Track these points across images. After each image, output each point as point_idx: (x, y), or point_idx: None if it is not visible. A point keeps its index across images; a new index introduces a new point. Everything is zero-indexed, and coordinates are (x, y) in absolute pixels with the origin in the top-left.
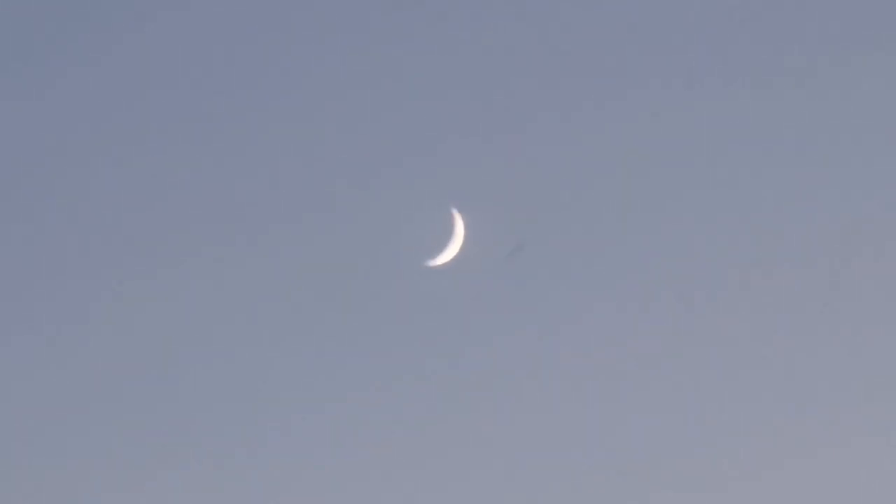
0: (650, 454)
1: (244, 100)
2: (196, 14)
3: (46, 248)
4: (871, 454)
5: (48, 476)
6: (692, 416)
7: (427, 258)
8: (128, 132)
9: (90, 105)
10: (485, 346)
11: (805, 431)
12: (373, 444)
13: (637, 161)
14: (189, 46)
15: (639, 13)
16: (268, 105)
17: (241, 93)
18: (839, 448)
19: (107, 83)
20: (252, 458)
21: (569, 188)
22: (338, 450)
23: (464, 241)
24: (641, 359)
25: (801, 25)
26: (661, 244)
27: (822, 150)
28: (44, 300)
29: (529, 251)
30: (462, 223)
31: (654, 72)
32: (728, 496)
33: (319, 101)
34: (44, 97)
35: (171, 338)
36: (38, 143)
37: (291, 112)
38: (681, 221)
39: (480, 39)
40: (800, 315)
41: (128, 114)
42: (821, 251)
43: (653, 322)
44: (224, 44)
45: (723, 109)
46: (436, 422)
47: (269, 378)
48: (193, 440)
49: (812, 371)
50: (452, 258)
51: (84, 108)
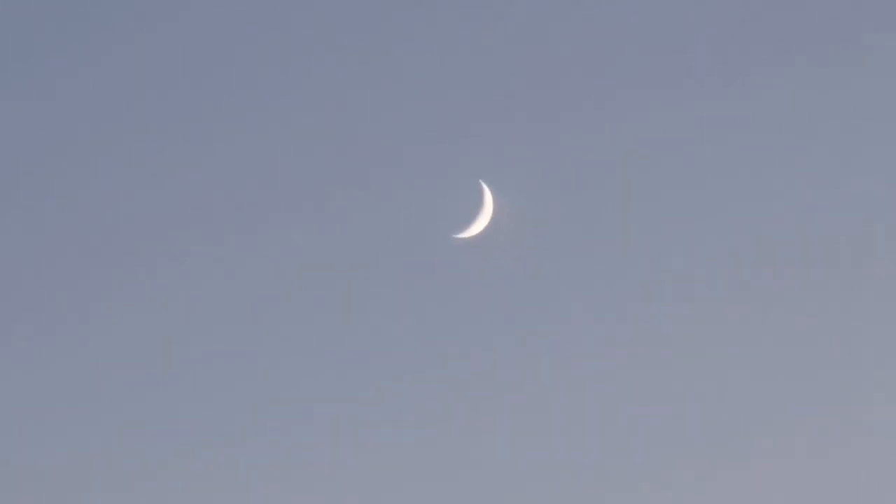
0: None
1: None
2: (193, 10)
3: (46, 248)
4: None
5: (47, 476)
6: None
7: (456, 231)
8: (125, 131)
9: (90, 104)
10: (513, 320)
11: (804, 430)
12: (401, 422)
13: (666, 140)
14: (186, 41)
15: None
16: (298, 82)
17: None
18: (838, 447)
19: (106, 83)
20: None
21: (597, 161)
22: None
23: (493, 214)
24: (675, 337)
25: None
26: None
27: (822, 150)
28: (43, 300)
29: (561, 224)
30: (491, 196)
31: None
32: (728, 494)
33: (352, 78)
34: (43, 97)
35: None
36: (38, 144)
37: (323, 87)
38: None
39: (513, 18)
40: (799, 314)
41: (125, 113)
42: (821, 250)
43: (687, 302)
44: (231, 33)
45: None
46: (466, 400)
47: (298, 352)
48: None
49: (812, 370)
50: (481, 231)
51: (84, 108)
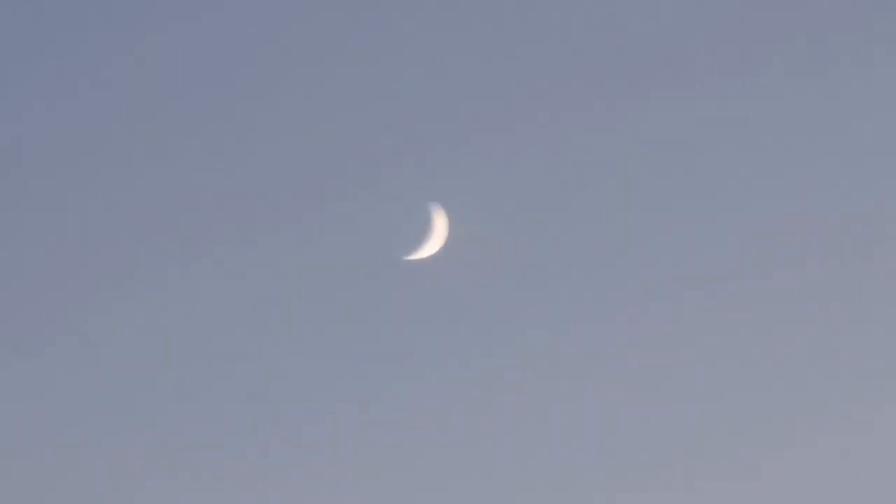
0: (643, 455)
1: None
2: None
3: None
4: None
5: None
6: (687, 417)
7: (406, 253)
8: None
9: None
10: (466, 343)
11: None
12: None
13: (623, 157)
14: (179, 47)
15: (629, 9)
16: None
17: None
18: (838, 446)
19: (104, 82)
20: (240, 457)
21: (552, 183)
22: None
23: (445, 237)
24: (626, 358)
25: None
26: (648, 243)
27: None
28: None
29: (511, 247)
30: (441, 217)
31: (646, 67)
32: (727, 492)
33: (300, 97)
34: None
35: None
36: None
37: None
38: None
39: (463, 34)
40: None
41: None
42: (820, 249)
43: (642, 317)
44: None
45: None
46: (416, 419)
47: (251, 376)
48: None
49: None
50: (432, 253)
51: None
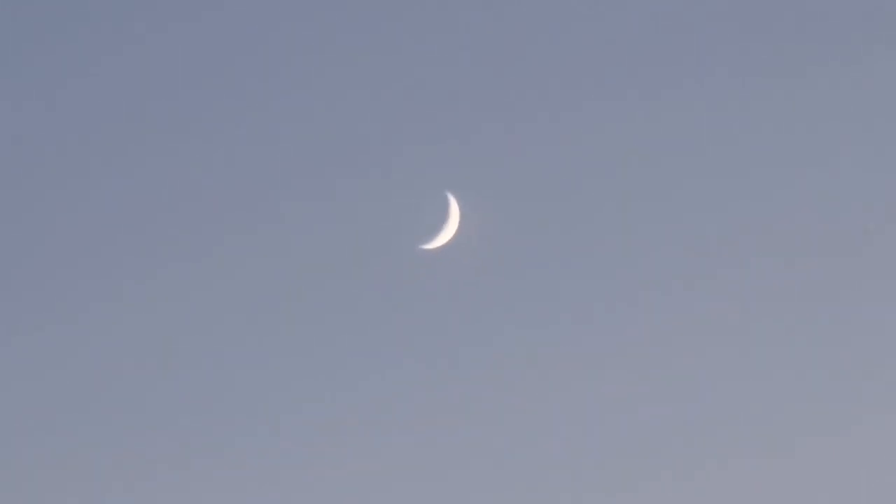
0: (646, 440)
1: (232, 87)
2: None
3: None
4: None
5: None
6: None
7: (422, 242)
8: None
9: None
10: (479, 331)
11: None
12: (364, 430)
13: (635, 147)
14: (179, 42)
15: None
16: (261, 91)
17: (229, 81)
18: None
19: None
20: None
21: (565, 174)
22: (327, 435)
23: (459, 225)
24: (637, 346)
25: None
26: (659, 232)
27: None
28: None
29: (525, 236)
30: (457, 207)
31: (657, 62)
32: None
33: (313, 86)
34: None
35: (164, 329)
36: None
37: (287, 97)
38: (680, 209)
39: (476, 22)
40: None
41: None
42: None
43: (650, 311)
44: (213, 37)
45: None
46: (429, 407)
47: (262, 365)
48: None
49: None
50: (447, 241)
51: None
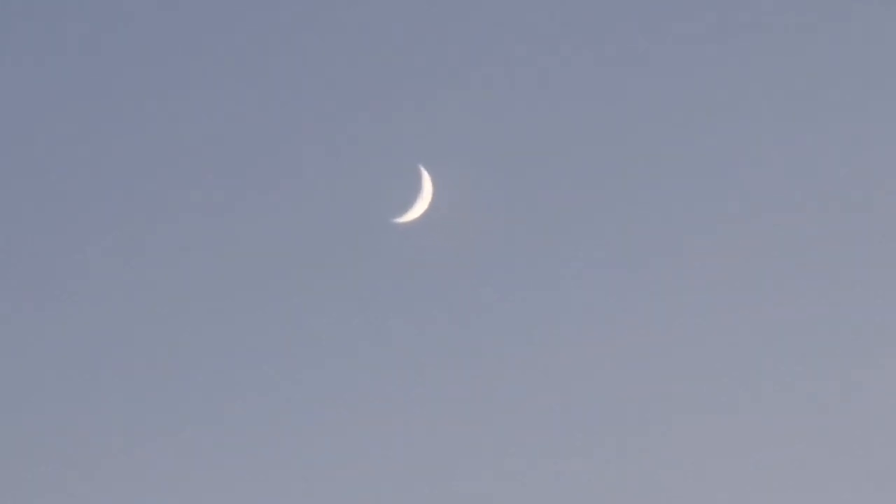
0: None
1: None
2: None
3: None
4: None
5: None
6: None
7: (395, 215)
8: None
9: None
10: (454, 305)
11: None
12: (338, 410)
13: (613, 116)
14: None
15: None
16: (229, 68)
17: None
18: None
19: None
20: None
21: (539, 145)
22: (301, 416)
23: (432, 198)
24: (617, 320)
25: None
26: (638, 202)
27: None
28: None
29: (499, 208)
30: (430, 179)
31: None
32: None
33: (281, 60)
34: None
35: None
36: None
37: (254, 72)
38: (661, 178)
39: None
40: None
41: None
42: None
43: (628, 283)
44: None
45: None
46: (404, 385)
47: (233, 344)
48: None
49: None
50: (420, 215)
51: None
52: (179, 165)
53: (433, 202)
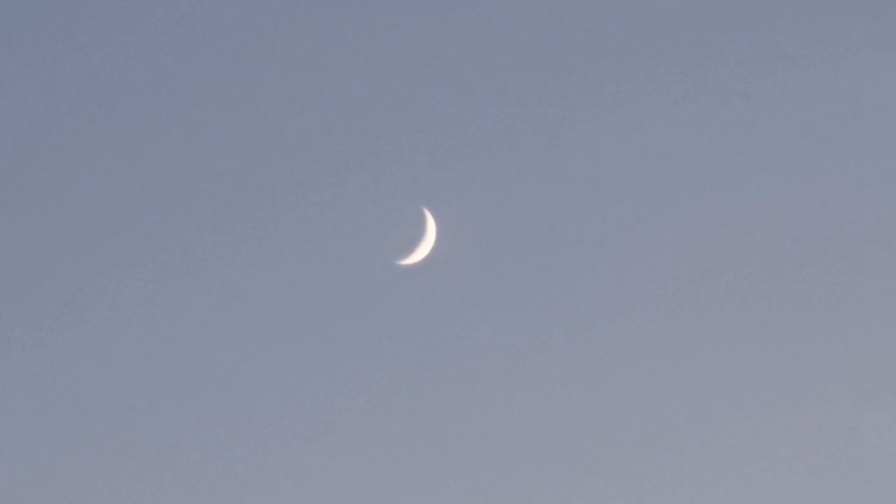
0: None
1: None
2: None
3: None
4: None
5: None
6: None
7: (398, 257)
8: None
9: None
10: (458, 346)
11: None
12: (342, 445)
13: (616, 159)
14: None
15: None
16: (237, 105)
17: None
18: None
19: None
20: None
21: (542, 187)
22: (305, 449)
23: (436, 240)
24: (620, 359)
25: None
26: (642, 246)
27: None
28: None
29: (503, 250)
30: (433, 222)
31: (634, 67)
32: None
33: (293, 100)
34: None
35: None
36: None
37: (266, 111)
38: (668, 219)
39: (451, 34)
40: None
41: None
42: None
43: (631, 321)
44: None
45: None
46: (407, 424)
47: (238, 381)
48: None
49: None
50: (424, 257)
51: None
52: (183, 202)
53: (437, 244)
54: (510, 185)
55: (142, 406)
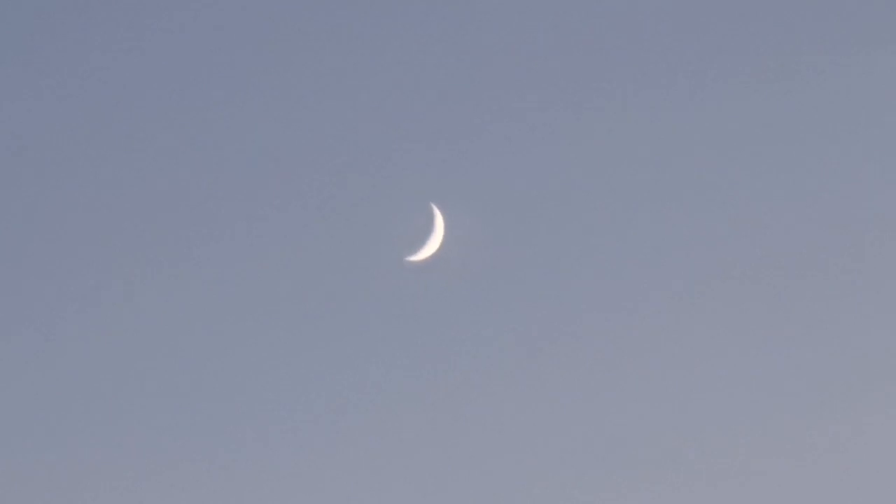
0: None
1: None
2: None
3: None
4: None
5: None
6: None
7: (407, 253)
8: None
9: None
10: (466, 342)
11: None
12: (352, 442)
13: (619, 155)
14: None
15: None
16: (246, 102)
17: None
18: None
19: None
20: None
21: (549, 183)
22: (315, 447)
23: (444, 237)
24: (627, 354)
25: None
26: (649, 240)
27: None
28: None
29: (510, 246)
30: (442, 218)
31: (641, 65)
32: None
33: (300, 97)
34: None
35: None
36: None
37: (273, 109)
38: (667, 218)
39: (457, 29)
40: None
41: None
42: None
43: (638, 320)
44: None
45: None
46: (417, 419)
47: (248, 377)
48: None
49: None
50: (433, 254)
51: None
52: (190, 201)
53: (445, 241)
54: (518, 183)
55: (150, 403)
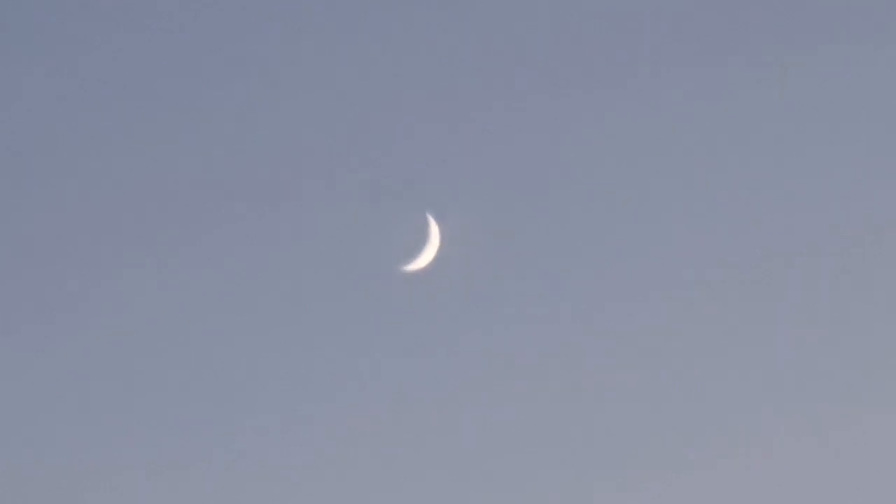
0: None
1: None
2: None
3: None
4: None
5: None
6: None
7: (402, 263)
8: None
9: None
10: (462, 352)
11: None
12: (348, 451)
13: (617, 163)
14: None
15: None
16: (240, 111)
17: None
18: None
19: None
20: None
21: (546, 192)
22: (312, 456)
23: (440, 246)
24: (624, 363)
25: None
26: (645, 245)
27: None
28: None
29: (507, 255)
30: (437, 227)
31: (641, 64)
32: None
33: (295, 104)
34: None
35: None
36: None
37: (268, 115)
38: (667, 221)
39: (450, 35)
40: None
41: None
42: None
43: (636, 325)
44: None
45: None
46: (414, 428)
47: (243, 385)
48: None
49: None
50: (428, 263)
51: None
52: (185, 206)
53: (441, 250)
54: (514, 191)
55: (145, 408)
